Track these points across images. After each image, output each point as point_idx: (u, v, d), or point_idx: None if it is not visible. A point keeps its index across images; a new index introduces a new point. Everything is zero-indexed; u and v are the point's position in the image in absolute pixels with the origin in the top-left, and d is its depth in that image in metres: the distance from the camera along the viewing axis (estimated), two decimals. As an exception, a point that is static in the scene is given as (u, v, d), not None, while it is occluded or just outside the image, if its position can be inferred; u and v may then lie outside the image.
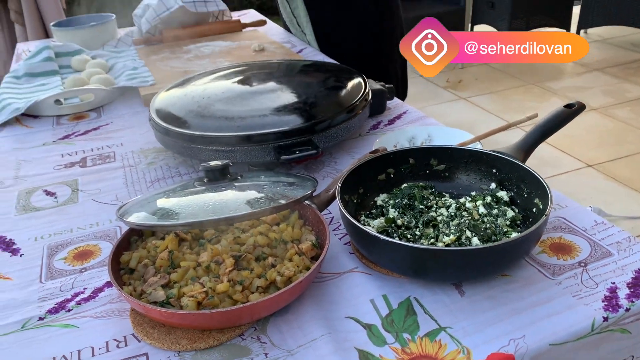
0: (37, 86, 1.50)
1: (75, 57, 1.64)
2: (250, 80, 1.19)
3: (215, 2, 1.92)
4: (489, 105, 3.21)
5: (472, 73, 3.74)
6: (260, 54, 1.63)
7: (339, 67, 1.28)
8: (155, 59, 1.65)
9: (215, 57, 1.63)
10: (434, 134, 1.03)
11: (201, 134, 0.96)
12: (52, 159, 1.10)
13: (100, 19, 1.90)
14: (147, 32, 1.83)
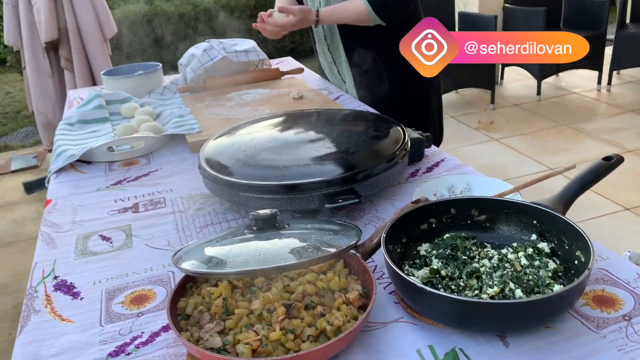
0: (89, 133, 1.58)
1: (124, 104, 1.73)
2: (294, 129, 1.24)
3: (256, 51, 2.01)
4: (522, 146, 3.21)
5: (503, 114, 3.76)
6: (299, 101, 1.70)
7: (378, 116, 1.33)
8: (200, 107, 1.73)
9: (256, 105, 1.70)
10: (472, 183, 1.06)
11: (248, 182, 1.01)
12: (106, 204, 1.16)
13: (147, 67, 2.00)
14: (191, 81, 1.92)
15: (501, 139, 3.33)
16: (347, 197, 0.97)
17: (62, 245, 1.01)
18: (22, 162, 3.52)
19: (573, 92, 4.09)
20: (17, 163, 3.52)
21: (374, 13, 1.60)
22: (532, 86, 4.19)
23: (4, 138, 4.27)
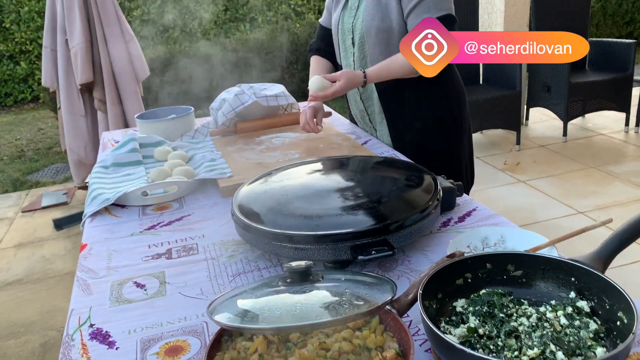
0: (123, 176, 1.62)
1: (157, 148, 1.77)
2: (325, 177, 1.25)
3: (285, 96, 2.05)
4: (549, 189, 3.17)
5: (529, 155, 3.74)
6: (328, 146, 1.72)
7: (409, 163, 1.34)
8: (231, 150, 1.76)
9: (286, 149, 1.72)
10: (506, 235, 1.05)
11: (281, 232, 1.02)
12: (140, 250, 1.18)
13: (180, 111, 2.06)
14: (222, 124, 1.96)
15: (528, 181, 3.30)
16: (380, 249, 0.97)
17: (97, 291, 1.03)
18: (52, 199, 3.60)
19: (600, 134, 4.05)
20: (47, 199, 3.60)
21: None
22: (558, 127, 4.16)
23: (36, 174, 4.38)
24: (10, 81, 7.71)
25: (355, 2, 1.76)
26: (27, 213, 3.48)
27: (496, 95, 3.69)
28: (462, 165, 1.88)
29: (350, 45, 1.78)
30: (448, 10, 1.62)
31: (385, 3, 1.66)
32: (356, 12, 1.75)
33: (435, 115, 1.78)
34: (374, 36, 1.68)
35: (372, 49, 1.70)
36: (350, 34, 1.77)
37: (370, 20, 1.68)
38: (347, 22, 1.77)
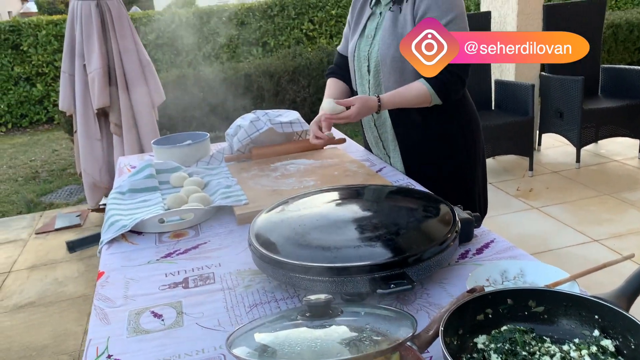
0: (139, 202, 1.63)
1: (173, 174, 1.78)
2: (342, 206, 1.25)
3: (300, 122, 2.06)
4: (563, 215, 3.15)
5: (542, 182, 3.72)
6: (343, 174, 1.72)
7: (425, 194, 1.34)
8: (246, 177, 1.77)
9: (300, 176, 1.73)
10: (526, 269, 1.04)
11: (299, 263, 1.02)
12: (156, 278, 1.18)
13: (196, 137, 2.07)
14: (238, 150, 1.98)
15: (541, 208, 3.28)
16: (399, 282, 0.96)
17: (115, 321, 1.03)
18: (65, 221, 3.62)
19: (614, 160, 4.03)
20: (61, 221, 3.62)
21: (435, 95, 1.64)
22: (571, 153, 4.15)
23: (49, 196, 4.41)
24: (26, 103, 7.83)
25: (371, 31, 1.78)
26: (41, 235, 3.50)
27: (509, 121, 3.70)
28: (475, 193, 1.88)
29: (365, 73, 1.80)
30: None
31: (401, 33, 1.68)
32: (372, 40, 1.77)
33: (448, 142, 1.79)
34: (389, 64, 1.70)
35: (387, 76, 1.72)
36: (366, 62, 1.78)
37: (385, 49, 1.70)
38: (364, 50, 1.79)
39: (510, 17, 4.07)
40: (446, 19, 1.61)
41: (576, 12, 4.10)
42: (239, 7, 8.66)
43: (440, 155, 1.78)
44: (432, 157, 1.78)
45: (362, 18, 1.86)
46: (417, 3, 1.65)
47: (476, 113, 1.86)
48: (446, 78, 1.61)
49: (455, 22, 1.62)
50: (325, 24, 9.03)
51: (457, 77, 1.63)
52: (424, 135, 1.77)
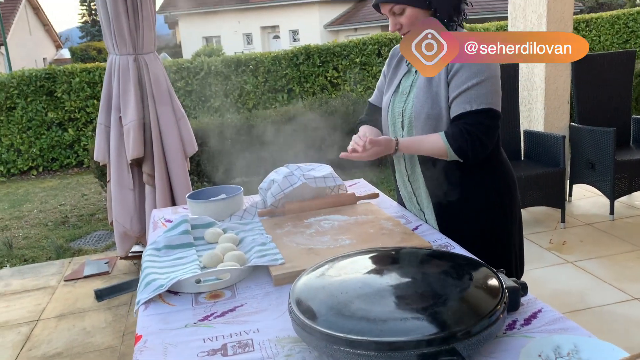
0: (175, 259, 1.63)
1: (208, 229, 1.78)
2: (385, 272, 1.23)
3: (333, 177, 2.06)
4: (600, 271, 3.05)
5: (575, 234, 3.64)
6: (379, 232, 1.70)
7: (469, 259, 1.30)
8: (280, 234, 1.76)
9: (335, 234, 1.71)
10: (581, 345, 1.00)
11: (344, 336, 0.99)
12: (195, 344, 1.16)
13: (229, 191, 2.08)
14: (271, 205, 1.98)
15: (576, 262, 3.19)
16: (449, 359, 0.93)
17: (155, 391, 1.01)
18: (94, 268, 3.64)
19: (649, 212, 3.94)
20: (89, 268, 3.64)
21: (451, 150, 1.63)
22: (604, 205, 4.06)
23: (78, 241, 4.46)
24: (57, 147, 8.04)
25: (406, 88, 1.79)
26: (70, 282, 3.52)
27: (539, 172, 3.65)
28: (511, 252, 1.83)
29: (399, 128, 1.80)
30: (490, 104, 1.62)
31: (436, 91, 1.69)
32: (407, 97, 1.78)
33: (484, 201, 1.76)
34: (423, 121, 1.70)
35: (420, 133, 1.72)
36: (400, 117, 1.79)
37: (420, 106, 1.70)
38: (398, 106, 1.80)
39: (538, 68, 4.08)
40: (474, 80, 1.61)
41: (605, 64, 4.10)
42: (265, 55, 8.87)
43: (475, 213, 1.75)
44: (466, 214, 1.76)
45: (397, 74, 1.87)
46: (450, 63, 1.66)
47: (512, 170, 1.84)
48: (464, 137, 1.60)
49: (484, 85, 1.61)
50: (350, 71, 9.18)
51: (477, 139, 1.61)
52: (457, 192, 1.75)
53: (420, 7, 1.67)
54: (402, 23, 1.70)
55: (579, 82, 4.05)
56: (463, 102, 1.63)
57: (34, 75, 7.76)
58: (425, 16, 1.69)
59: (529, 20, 4.11)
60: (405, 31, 1.72)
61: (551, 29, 3.94)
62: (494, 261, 1.74)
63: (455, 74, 1.64)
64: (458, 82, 1.64)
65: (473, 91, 1.62)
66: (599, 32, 10.34)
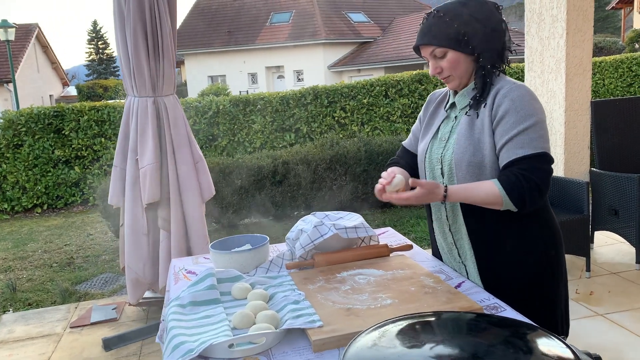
0: (202, 318, 1.51)
1: (235, 284, 1.67)
2: (445, 345, 1.11)
3: (365, 227, 1.96)
4: (633, 325, 2.91)
5: (602, 284, 3.51)
6: (421, 290, 1.59)
7: (538, 330, 1.19)
8: (313, 290, 1.64)
9: (373, 291, 1.60)
10: None
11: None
12: None
13: (255, 240, 1.98)
14: (300, 257, 1.87)
15: (606, 315, 3.05)
16: None
17: None
18: (101, 314, 3.50)
19: (675, 261, 3.81)
20: (97, 315, 3.50)
21: (507, 198, 1.53)
22: (628, 252, 3.94)
23: (84, 284, 4.32)
24: (63, 185, 7.96)
25: (446, 133, 1.71)
26: (76, 329, 3.37)
27: (562, 219, 3.55)
28: (557, 314, 1.72)
29: (439, 175, 1.72)
30: (544, 148, 1.55)
31: (478, 138, 1.61)
32: (446, 143, 1.70)
33: (532, 254, 1.66)
34: (465, 169, 1.61)
35: (462, 181, 1.63)
36: (439, 164, 1.71)
37: (461, 153, 1.62)
38: (436, 152, 1.72)
39: (557, 113, 4.03)
40: (524, 124, 1.53)
41: (623, 108, 4.05)
42: (274, 95, 8.89)
43: (522, 267, 1.65)
44: (513, 268, 1.65)
45: (435, 119, 1.80)
46: (495, 107, 1.59)
47: (558, 226, 1.74)
48: (521, 184, 1.51)
49: (534, 129, 1.54)
50: (357, 112, 9.18)
51: (535, 185, 1.52)
52: (503, 244, 1.65)
53: (463, 52, 1.60)
54: (443, 67, 1.64)
55: (598, 127, 3.99)
56: (515, 147, 1.54)
57: (42, 113, 7.76)
58: (467, 61, 1.62)
59: (547, 65, 4.08)
60: (446, 75, 1.65)
61: (570, 74, 3.91)
62: (540, 319, 1.63)
63: (502, 119, 1.56)
64: (506, 127, 1.56)
65: (524, 136, 1.53)
66: (602, 75, 10.40)
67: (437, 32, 1.60)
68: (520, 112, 1.54)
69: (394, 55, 19.16)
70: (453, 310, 1.42)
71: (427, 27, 1.63)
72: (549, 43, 4.02)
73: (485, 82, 1.62)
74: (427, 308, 1.46)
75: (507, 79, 1.63)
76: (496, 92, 1.60)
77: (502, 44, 1.63)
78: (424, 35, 1.63)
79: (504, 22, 1.63)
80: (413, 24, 21.57)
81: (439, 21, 1.60)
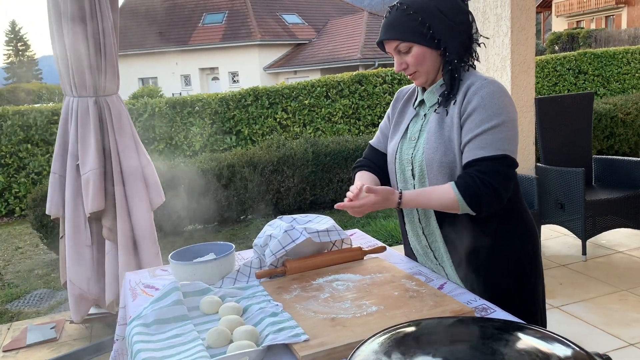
0: (171, 338, 1.36)
1: (204, 298, 1.53)
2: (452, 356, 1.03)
3: (337, 230, 1.86)
4: (588, 316, 2.98)
5: (553, 276, 3.58)
6: (405, 294, 1.50)
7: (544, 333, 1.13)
8: (289, 300, 1.53)
9: (355, 298, 1.50)
10: None
11: None
12: None
13: (219, 249, 1.84)
14: (271, 265, 1.75)
15: (562, 307, 3.11)
16: None
17: None
18: (38, 335, 3.21)
19: (618, 252, 3.96)
20: (33, 335, 3.20)
21: (463, 202, 1.47)
22: (573, 244, 4.06)
23: (17, 302, 3.98)
24: (-15, 195, 7.39)
25: (415, 133, 1.64)
26: (10, 352, 3.07)
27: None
28: (537, 311, 1.70)
29: (410, 177, 1.64)
30: (506, 150, 1.49)
31: (449, 136, 1.54)
32: (416, 143, 1.62)
33: (511, 256, 1.61)
34: (436, 170, 1.55)
35: (434, 182, 1.56)
36: (410, 165, 1.63)
37: (431, 153, 1.55)
38: (406, 152, 1.64)
39: (503, 110, 4.09)
40: (490, 123, 1.47)
41: (566, 105, 4.17)
42: (212, 96, 8.65)
43: (501, 265, 1.60)
44: (491, 267, 1.60)
45: (403, 118, 1.72)
46: (464, 104, 1.52)
47: (532, 218, 1.71)
48: (479, 189, 1.45)
49: (500, 129, 1.47)
50: (299, 113, 9.09)
51: (493, 189, 1.47)
52: (480, 244, 1.59)
53: (428, 46, 1.53)
54: (408, 62, 1.56)
55: (543, 124, 4.09)
56: (477, 147, 1.48)
57: (-40, 118, 7.16)
58: (433, 56, 1.55)
59: (492, 63, 4.14)
60: (412, 71, 1.58)
61: (515, 71, 3.98)
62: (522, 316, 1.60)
63: (469, 116, 1.50)
64: (472, 125, 1.50)
65: (488, 135, 1.47)
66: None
67: (401, 26, 1.52)
68: (488, 110, 1.48)
69: (329, 57, 19.23)
70: (446, 315, 1.35)
71: (391, 21, 1.54)
72: (494, 41, 4.08)
73: (454, 78, 1.55)
74: (416, 313, 1.38)
75: (477, 75, 1.56)
76: (467, 89, 1.53)
77: (469, 37, 1.56)
78: (387, 29, 1.55)
79: (471, 14, 1.57)
80: (348, 25, 21.75)
81: (402, 14, 1.52)
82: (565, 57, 11.21)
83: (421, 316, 1.35)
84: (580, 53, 11.33)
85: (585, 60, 11.24)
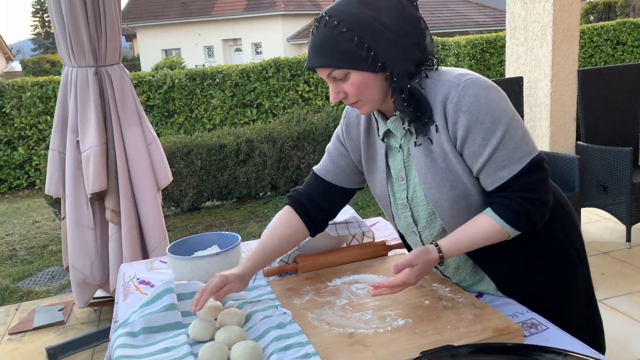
0: (160, 352, 1.16)
1: (202, 302, 1.31)
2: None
3: (357, 222, 1.63)
4: (635, 311, 2.71)
5: (595, 266, 3.29)
6: (438, 303, 1.27)
7: None
8: (300, 306, 1.31)
9: (378, 307, 1.27)
10: None
11: None
12: None
13: (223, 240, 1.62)
14: (280, 261, 1.53)
15: (605, 300, 2.84)
16: None
17: None
18: (46, 317, 3.07)
19: (664, 238, 3.64)
20: (40, 318, 3.07)
21: (513, 229, 1.20)
22: (615, 230, 3.76)
23: (28, 280, 3.86)
24: (5, 167, 7.34)
25: (400, 171, 1.32)
26: (16, 335, 2.94)
27: (552, 196, 3.30)
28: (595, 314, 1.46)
29: (411, 223, 1.35)
30: (528, 155, 1.18)
31: (447, 167, 1.22)
32: (407, 184, 1.31)
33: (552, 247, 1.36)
34: (448, 208, 1.25)
35: (450, 221, 1.26)
36: (408, 211, 1.33)
37: (436, 193, 1.24)
38: (400, 196, 1.33)
39: (542, 82, 3.76)
40: (496, 138, 1.15)
41: (612, 78, 3.81)
42: (233, 68, 8.39)
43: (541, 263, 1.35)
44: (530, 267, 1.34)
45: (375, 152, 1.37)
46: (450, 126, 1.18)
47: (568, 201, 1.44)
48: (524, 207, 1.17)
49: (509, 136, 1.16)
50: (321, 85, 8.78)
51: (539, 202, 1.19)
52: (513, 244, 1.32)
53: (369, 71, 1.17)
54: (347, 91, 1.20)
55: (585, 98, 3.75)
56: (497, 169, 1.17)
57: (-22, 89, 7.07)
58: (377, 80, 1.19)
59: (531, 31, 3.80)
60: (352, 101, 1.22)
61: (557, 40, 3.64)
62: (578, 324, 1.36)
63: (466, 139, 1.17)
64: (475, 149, 1.17)
65: (501, 152, 1.16)
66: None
67: (333, 49, 1.16)
68: (484, 123, 1.15)
69: (355, 27, 18.64)
70: (488, 333, 1.11)
71: (319, 42, 1.18)
72: (534, 7, 3.73)
73: (414, 101, 1.20)
74: (451, 331, 1.14)
75: (443, 80, 1.21)
76: (443, 106, 1.19)
77: (422, 50, 1.20)
78: (317, 53, 1.18)
79: (422, 20, 1.21)
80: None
81: (333, 33, 1.15)
82: (602, 27, 10.59)
83: (458, 335, 1.12)
84: (619, 22, 10.69)
85: (624, 30, 10.60)
